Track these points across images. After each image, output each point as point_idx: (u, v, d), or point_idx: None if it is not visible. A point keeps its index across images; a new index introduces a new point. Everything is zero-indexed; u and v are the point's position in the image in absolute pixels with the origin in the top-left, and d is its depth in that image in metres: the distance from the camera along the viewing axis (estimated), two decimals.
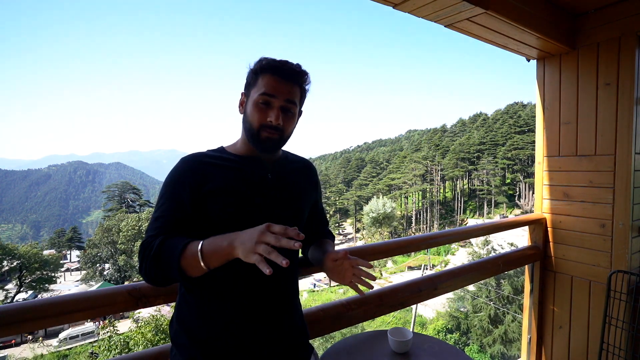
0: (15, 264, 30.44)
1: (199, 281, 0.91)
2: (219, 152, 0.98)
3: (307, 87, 0.99)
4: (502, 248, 18.22)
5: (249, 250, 0.71)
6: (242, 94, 0.98)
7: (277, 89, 0.90)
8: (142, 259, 0.83)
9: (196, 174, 0.90)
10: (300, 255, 1.22)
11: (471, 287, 16.41)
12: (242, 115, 0.97)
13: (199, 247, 0.77)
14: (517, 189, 58.02)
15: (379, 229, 46.09)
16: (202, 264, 0.76)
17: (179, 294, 0.96)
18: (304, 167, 1.09)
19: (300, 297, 1.07)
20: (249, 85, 0.95)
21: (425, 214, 60.43)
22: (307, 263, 1.21)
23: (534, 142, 2.53)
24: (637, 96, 1.92)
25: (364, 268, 0.91)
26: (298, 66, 0.94)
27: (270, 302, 0.93)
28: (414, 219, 60.43)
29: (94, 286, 31.38)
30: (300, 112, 1.01)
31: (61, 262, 41.83)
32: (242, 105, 0.97)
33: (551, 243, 2.35)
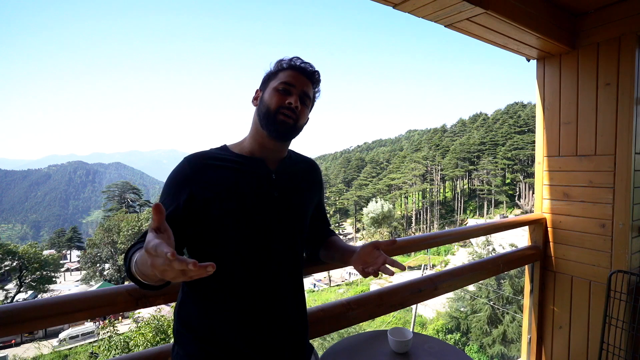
0: (15, 263, 30.45)
1: (203, 280, 0.91)
2: (223, 151, 0.98)
3: (317, 94, 1.03)
4: (502, 248, 18.21)
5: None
6: (257, 90, 1.00)
7: (297, 79, 0.95)
8: None
9: (199, 174, 0.90)
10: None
11: (471, 287, 16.41)
12: (255, 107, 0.98)
13: (134, 264, 0.70)
14: (517, 189, 58.01)
15: (379, 229, 46.12)
16: (144, 280, 0.70)
17: (182, 292, 0.96)
18: (308, 168, 1.09)
19: None
20: (266, 81, 0.98)
21: (425, 214, 60.43)
22: (315, 262, 1.24)
23: (534, 142, 2.54)
24: (637, 96, 1.93)
25: (392, 268, 0.93)
26: (316, 70, 1.00)
27: (273, 302, 0.94)
28: (414, 219, 60.43)
29: (94, 286, 31.39)
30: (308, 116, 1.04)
31: (61, 262, 41.87)
32: (257, 99, 0.99)
33: (551, 243, 2.34)
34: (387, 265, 0.93)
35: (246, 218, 0.90)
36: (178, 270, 0.53)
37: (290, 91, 0.94)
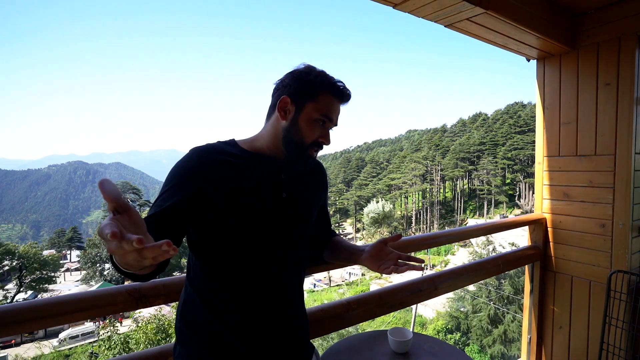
0: (15, 263, 30.48)
1: (204, 280, 0.92)
2: (232, 147, 0.94)
3: None
4: (503, 248, 18.21)
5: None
6: (287, 98, 0.90)
7: (335, 111, 0.94)
8: None
9: (206, 169, 0.86)
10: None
11: (471, 287, 16.41)
12: (283, 121, 0.92)
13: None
14: (517, 189, 58.03)
15: (379, 229, 46.14)
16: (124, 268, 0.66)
17: (185, 292, 0.96)
18: (316, 169, 1.08)
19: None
20: (302, 95, 0.90)
21: (425, 214, 60.45)
22: (318, 262, 1.24)
23: (534, 142, 2.54)
24: (637, 96, 1.93)
25: (412, 263, 0.94)
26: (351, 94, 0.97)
27: (275, 302, 0.94)
28: (414, 219, 60.45)
29: (94, 286, 31.40)
30: None
31: (61, 262, 41.86)
32: (286, 111, 0.91)
33: (551, 243, 2.35)
34: (406, 261, 0.94)
35: (252, 219, 0.89)
36: (131, 250, 0.48)
37: (326, 124, 0.93)
